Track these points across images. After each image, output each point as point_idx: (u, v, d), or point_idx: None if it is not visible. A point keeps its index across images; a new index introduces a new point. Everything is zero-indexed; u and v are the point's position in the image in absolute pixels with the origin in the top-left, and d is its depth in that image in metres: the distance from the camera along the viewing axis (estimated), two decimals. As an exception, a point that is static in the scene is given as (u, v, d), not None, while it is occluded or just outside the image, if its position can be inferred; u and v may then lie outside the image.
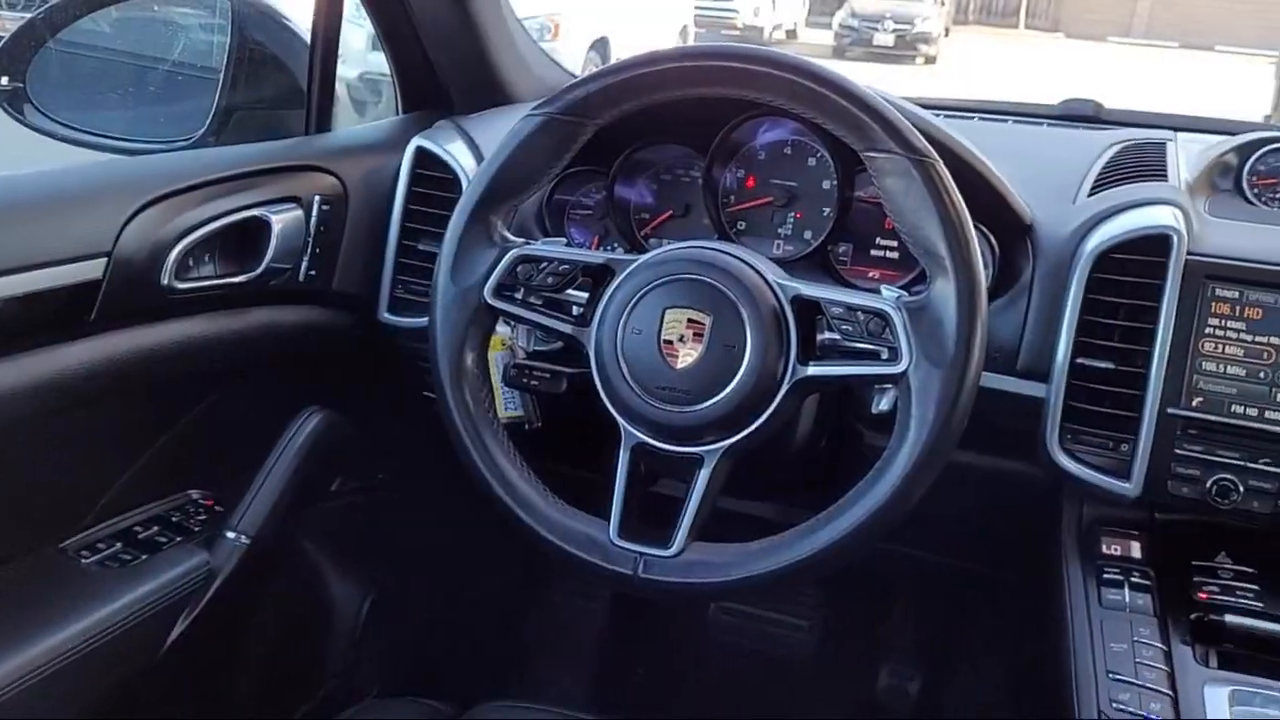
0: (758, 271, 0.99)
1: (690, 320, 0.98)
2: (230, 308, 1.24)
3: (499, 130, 1.08)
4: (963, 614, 1.72)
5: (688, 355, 0.97)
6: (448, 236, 1.05)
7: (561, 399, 1.13)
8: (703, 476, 0.97)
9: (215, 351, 1.22)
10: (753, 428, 0.97)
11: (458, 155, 1.34)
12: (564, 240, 1.10)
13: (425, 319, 1.08)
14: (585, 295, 1.05)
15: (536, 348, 1.23)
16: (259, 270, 1.23)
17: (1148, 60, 15.80)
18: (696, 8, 11.33)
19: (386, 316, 1.37)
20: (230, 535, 1.27)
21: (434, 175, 1.35)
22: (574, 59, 6.63)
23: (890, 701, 1.75)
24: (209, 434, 1.32)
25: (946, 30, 16.61)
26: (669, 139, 1.29)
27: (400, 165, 1.37)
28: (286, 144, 1.36)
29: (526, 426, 1.29)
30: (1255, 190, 1.25)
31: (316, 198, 1.28)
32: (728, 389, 0.96)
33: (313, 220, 1.28)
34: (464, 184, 1.29)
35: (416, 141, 1.37)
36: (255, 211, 1.22)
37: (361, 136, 1.46)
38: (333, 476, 1.51)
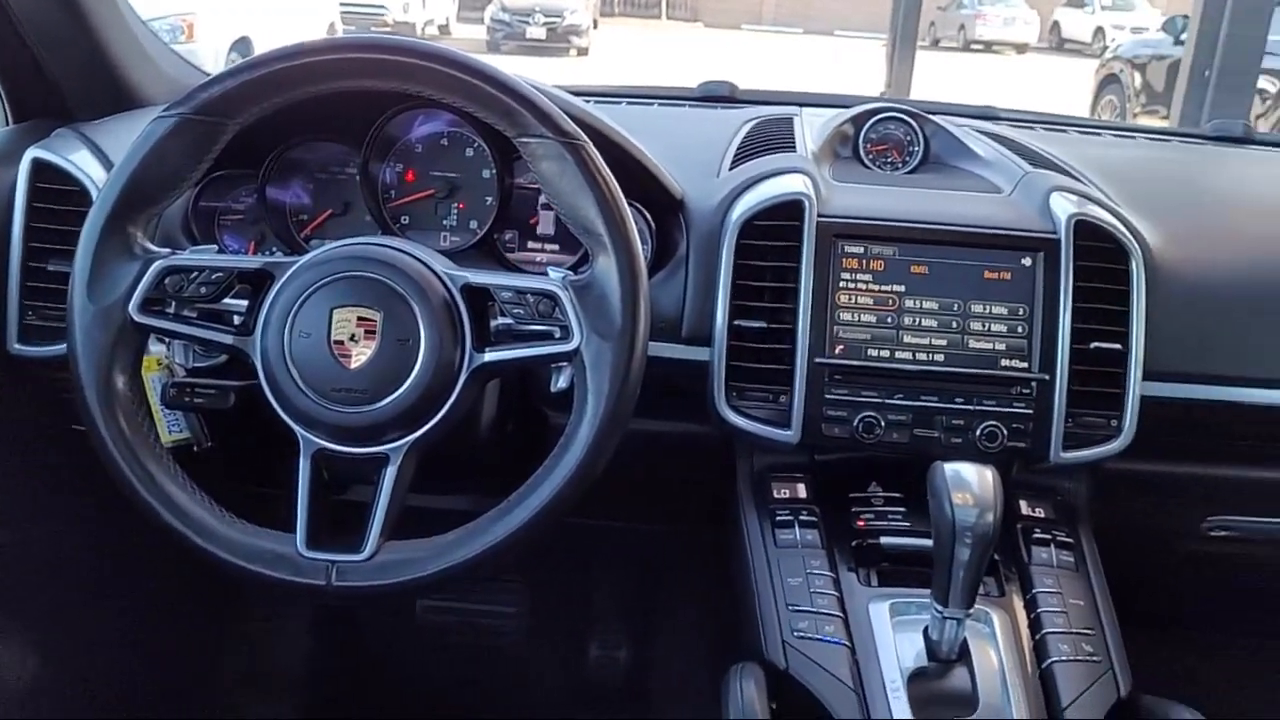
0: (425, 264, 0.98)
1: (360, 318, 0.96)
2: None
3: (128, 136, 1.00)
4: (662, 575, 1.80)
5: (361, 354, 0.95)
6: (80, 252, 0.96)
7: (231, 415, 1.07)
8: (389, 475, 0.96)
9: None
10: (435, 420, 0.96)
11: (83, 165, 1.24)
12: (215, 248, 1.04)
13: (64, 345, 0.99)
14: (245, 304, 1.00)
15: (197, 364, 1.16)
16: None
17: (778, 45, 17.10)
18: (342, 4, 11.01)
19: (17, 348, 1.23)
20: None
21: (57, 188, 1.23)
22: (215, 61, 6.25)
23: (602, 672, 1.80)
24: None
25: (595, 22, 17.15)
26: (322, 136, 1.25)
27: (14, 181, 1.24)
28: None
29: (196, 448, 1.21)
30: (870, 156, 1.39)
31: None
32: (406, 384, 0.95)
33: None
34: (94, 195, 1.19)
35: (31, 153, 1.25)
36: None
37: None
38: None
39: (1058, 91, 11.38)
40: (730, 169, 1.28)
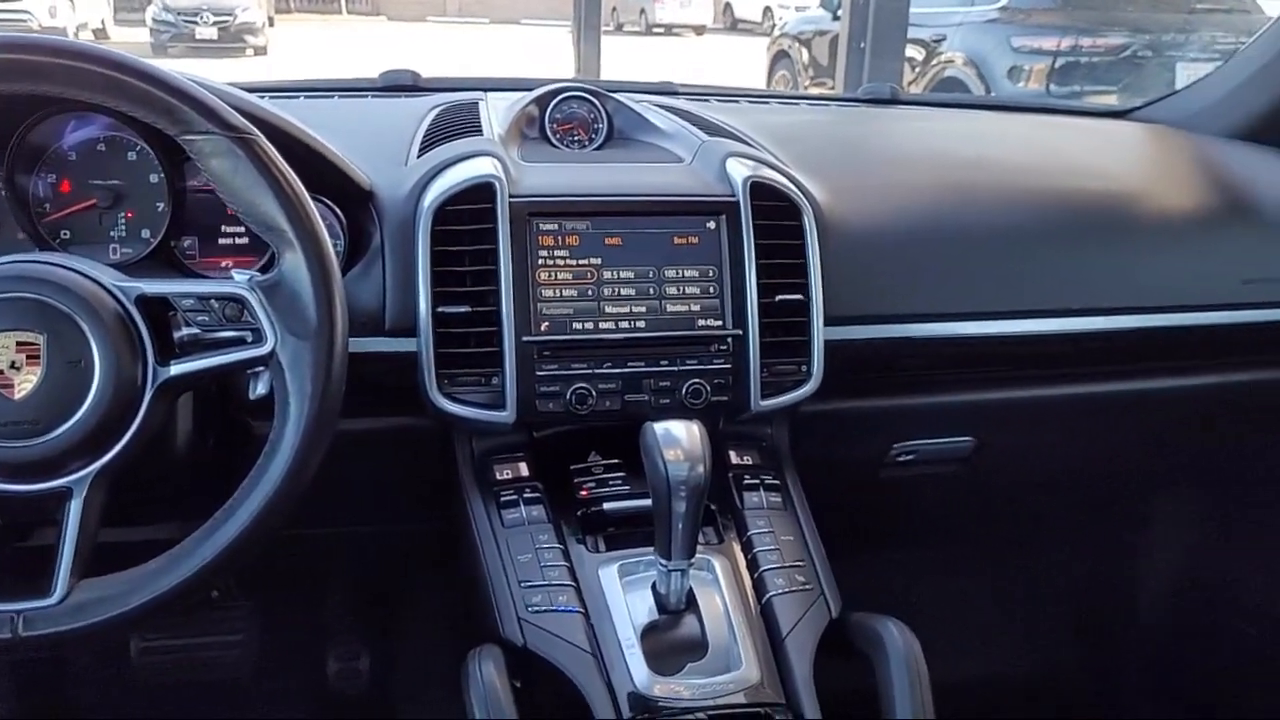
0: (90, 277, 0.91)
1: (20, 343, 0.88)
2: None
3: None
4: (397, 575, 1.76)
5: (26, 382, 0.87)
6: None
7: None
8: (74, 509, 0.88)
9: None
10: (122, 444, 0.89)
11: None
12: None
13: None
14: None
15: None
16: None
17: (465, 37, 17.01)
18: (-22, 12, 9.90)
19: None
20: None
21: None
22: None
23: (343, 685, 1.75)
24: None
25: (271, 20, 16.38)
26: None
27: None
28: None
29: None
30: (557, 135, 1.42)
31: None
32: (83, 409, 0.87)
33: None
34: None
35: None
36: None
37: None
38: None
39: (737, 70, 12.03)
40: (418, 156, 1.27)
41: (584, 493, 1.16)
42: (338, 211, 1.20)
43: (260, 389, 0.98)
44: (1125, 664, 2.00)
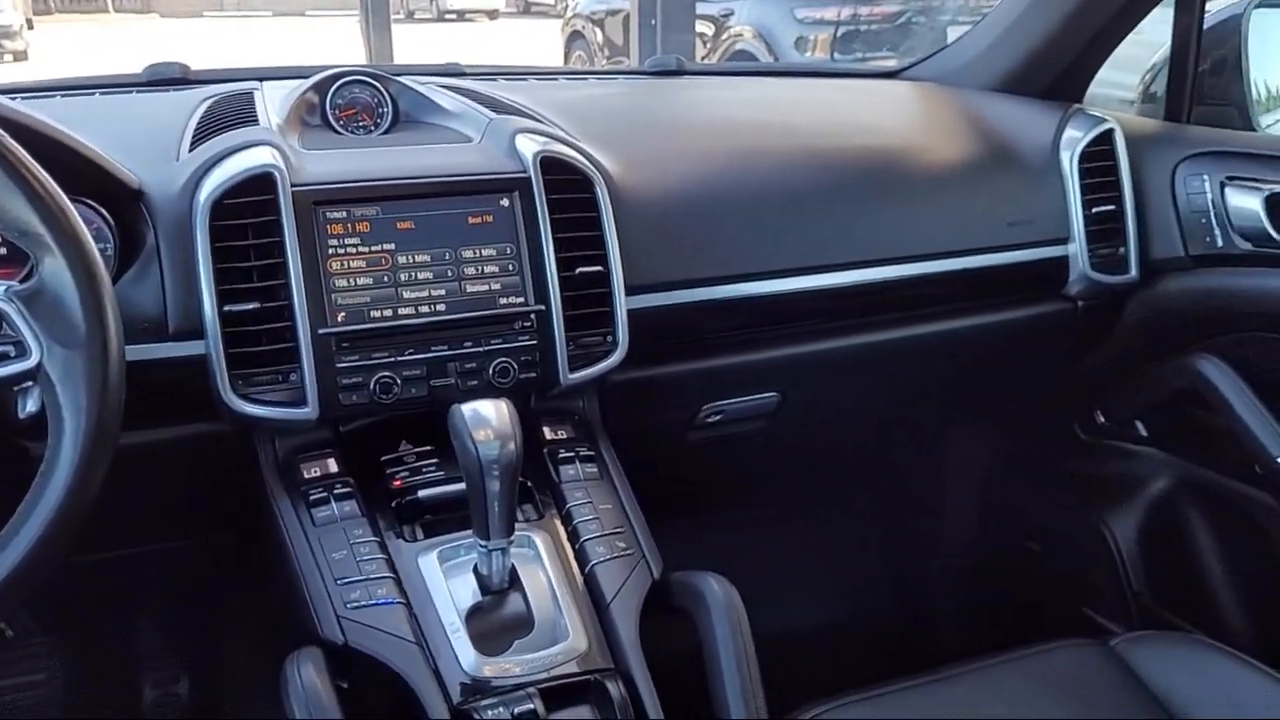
0: None
1: None
2: None
3: None
4: (213, 589, 1.69)
5: None
6: None
7: None
8: None
9: None
10: None
11: None
12: None
13: None
14: None
15: None
16: None
17: (246, 31, 16.29)
18: None
19: None
20: None
21: None
22: None
23: (162, 713, 1.66)
24: None
25: (29, 22, 15.26)
26: None
27: None
28: None
29: None
30: (340, 121, 1.37)
31: None
32: None
33: None
34: None
35: None
36: None
37: None
38: None
39: (534, 53, 11.99)
40: (190, 151, 1.21)
41: (397, 483, 1.15)
42: (104, 213, 1.13)
43: (30, 406, 0.91)
44: (934, 595, 2.12)
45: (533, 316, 1.19)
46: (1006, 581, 2.04)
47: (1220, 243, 1.52)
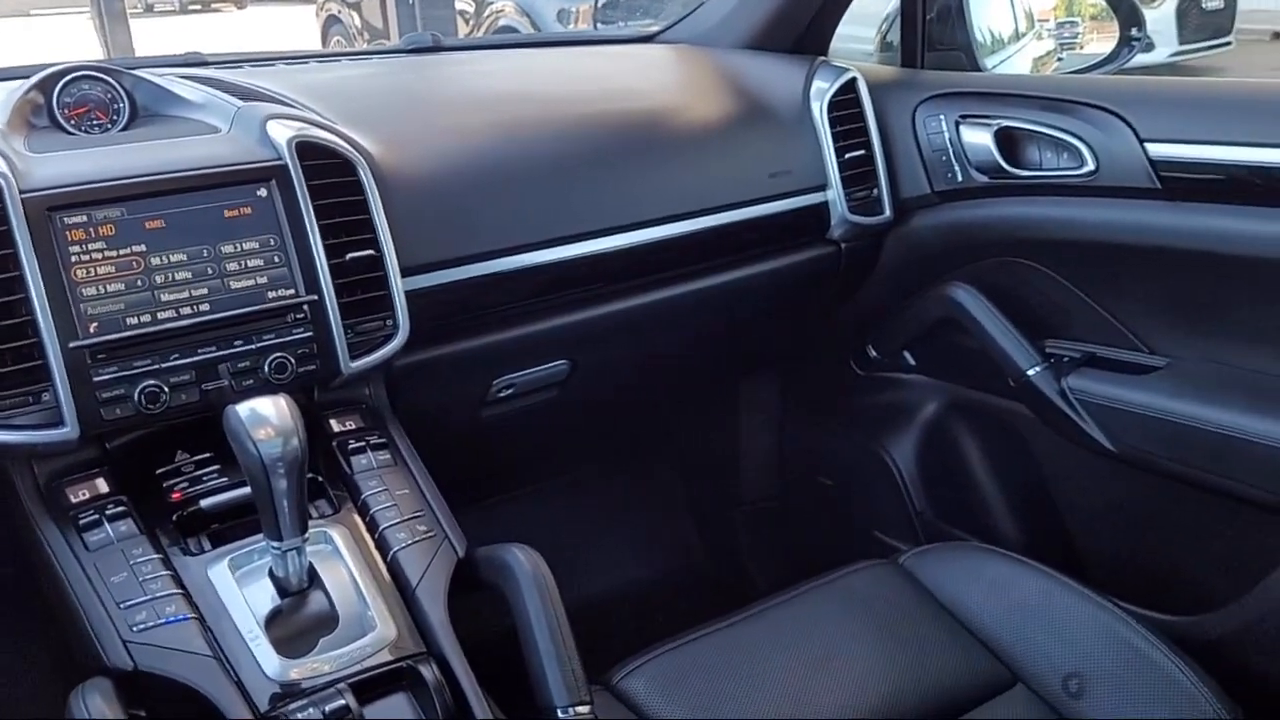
0: None
1: None
2: None
3: None
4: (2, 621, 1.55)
5: None
6: None
7: None
8: None
9: None
10: None
11: None
12: None
13: None
14: None
15: None
16: None
17: (-35, 35, 14.88)
18: None
19: None
20: None
21: None
22: None
23: None
24: None
25: None
26: None
27: None
28: None
29: None
30: (71, 121, 1.28)
31: None
32: None
33: None
34: None
35: None
36: None
37: None
38: None
39: (291, 40, 11.51)
40: None
41: (176, 495, 1.09)
42: None
43: None
44: (742, 540, 2.21)
45: (305, 307, 1.15)
46: (807, 518, 2.14)
47: (960, 178, 1.63)
